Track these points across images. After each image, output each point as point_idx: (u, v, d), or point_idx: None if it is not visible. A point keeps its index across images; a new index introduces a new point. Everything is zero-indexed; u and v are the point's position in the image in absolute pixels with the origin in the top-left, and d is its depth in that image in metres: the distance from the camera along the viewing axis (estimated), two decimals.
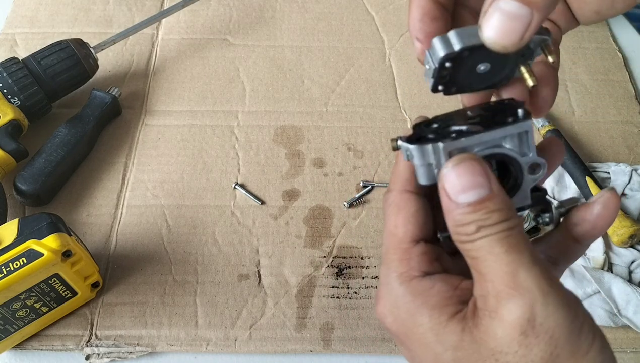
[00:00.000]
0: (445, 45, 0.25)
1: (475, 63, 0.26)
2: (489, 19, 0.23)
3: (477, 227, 0.23)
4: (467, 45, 0.25)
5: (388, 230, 0.27)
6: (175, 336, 0.48)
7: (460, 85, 0.28)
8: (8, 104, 0.55)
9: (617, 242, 0.52)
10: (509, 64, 0.27)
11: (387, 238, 0.27)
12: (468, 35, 0.25)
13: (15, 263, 0.41)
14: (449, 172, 0.24)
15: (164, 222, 0.55)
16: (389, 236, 0.27)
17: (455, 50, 0.25)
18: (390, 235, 0.27)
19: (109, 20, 0.71)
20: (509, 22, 0.23)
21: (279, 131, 0.62)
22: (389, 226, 0.27)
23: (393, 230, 0.27)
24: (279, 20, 0.72)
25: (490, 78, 0.28)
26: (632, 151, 0.61)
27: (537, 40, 0.26)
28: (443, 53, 0.25)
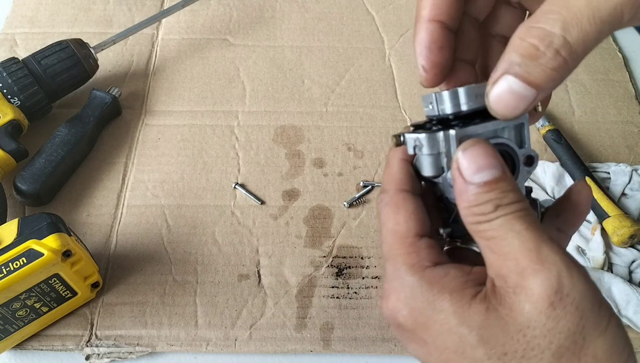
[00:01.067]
0: (453, 103, 0.27)
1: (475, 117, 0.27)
2: (497, 91, 0.25)
3: (495, 206, 0.24)
4: (472, 108, 0.26)
5: (389, 228, 0.27)
6: (175, 336, 0.48)
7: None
8: (8, 104, 0.55)
9: (617, 242, 0.52)
10: None
11: (389, 236, 0.27)
12: (475, 96, 0.26)
13: (15, 263, 0.41)
14: (463, 154, 0.25)
15: (164, 222, 0.55)
16: (391, 234, 0.27)
17: (462, 110, 0.27)
18: (392, 232, 0.27)
19: (109, 20, 0.71)
20: (513, 99, 0.24)
21: (279, 131, 0.62)
22: (389, 224, 0.27)
23: (395, 227, 0.27)
24: (279, 20, 0.72)
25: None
26: (632, 151, 0.61)
27: None
28: (450, 111, 0.27)
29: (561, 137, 0.59)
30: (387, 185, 0.29)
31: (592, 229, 0.53)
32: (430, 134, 0.27)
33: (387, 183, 0.29)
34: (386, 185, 0.29)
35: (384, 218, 0.28)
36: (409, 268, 0.26)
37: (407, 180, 0.28)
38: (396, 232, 0.27)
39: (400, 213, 0.27)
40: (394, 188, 0.28)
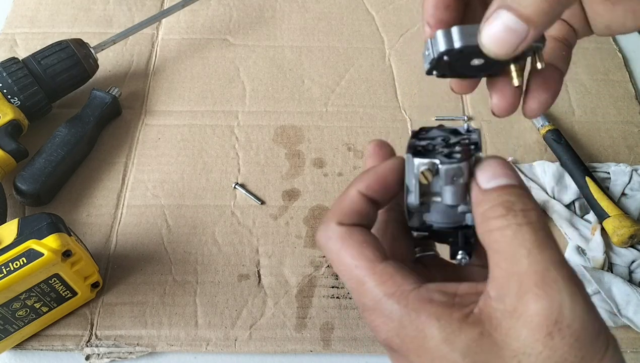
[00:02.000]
0: (446, 40, 0.27)
1: (471, 58, 0.27)
2: (489, 27, 0.25)
3: (507, 209, 0.23)
4: (466, 44, 0.26)
5: (348, 263, 0.26)
6: (175, 336, 0.48)
7: (454, 72, 0.29)
8: (8, 104, 0.55)
9: (617, 242, 0.52)
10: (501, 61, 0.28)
11: (354, 271, 0.25)
12: (469, 35, 0.26)
13: (15, 263, 0.41)
14: (479, 169, 0.25)
15: (164, 222, 0.55)
16: (354, 268, 0.25)
17: (455, 47, 0.26)
18: (354, 267, 0.25)
19: (109, 20, 0.71)
20: (506, 34, 0.24)
21: (279, 131, 0.62)
22: (347, 259, 0.26)
23: (356, 260, 0.26)
24: (279, 20, 0.72)
25: (482, 70, 0.29)
26: (632, 151, 0.61)
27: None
28: (443, 48, 0.27)
29: (561, 137, 0.59)
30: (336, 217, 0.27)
31: (592, 229, 0.53)
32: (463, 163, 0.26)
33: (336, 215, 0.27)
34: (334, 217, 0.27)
35: (336, 253, 0.26)
36: (391, 297, 0.24)
37: (354, 215, 0.27)
38: (357, 265, 0.25)
39: (356, 244, 0.26)
40: (345, 221, 0.27)
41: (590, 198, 0.54)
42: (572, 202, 0.56)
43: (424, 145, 0.27)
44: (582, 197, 0.55)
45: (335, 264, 0.27)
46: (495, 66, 0.28)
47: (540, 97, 0.30)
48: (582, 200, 0.56)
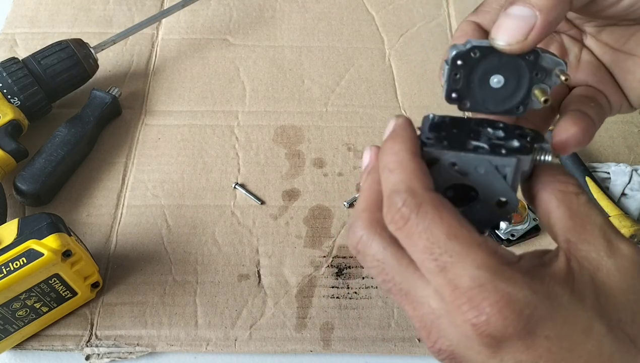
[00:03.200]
0: (457, 46, 0.27)
1: (488, 72, 0.27)
2: (498, 24, 0.26)
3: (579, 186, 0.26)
4: (477, 44, 0.26)
5: (444, 231, 0.22)
6: (175, 336, 0.48)
7: (475, 99, 0.28)
8: (8, 104, 0.55)
9: None
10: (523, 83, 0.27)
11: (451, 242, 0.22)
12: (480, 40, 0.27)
13: (15, 263, 0.41)
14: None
15: (164, 222, 0.55)
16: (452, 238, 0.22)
17: (465, 47, 0.27)
18: (454, 236, 0.22)
19: (109, 20, 0.71)
20: (513, 22, 0.25)
21: (279, 131, 0.62)
22: (443, 227, 0.22)
23: (457, 229, 0.22)
24: (279, 20, 0.72)
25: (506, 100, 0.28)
26: (632, 151, 0.61)
27: (551, 61, 0.27)
28: (455, 51, 0.27)
29: None
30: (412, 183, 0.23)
31: None
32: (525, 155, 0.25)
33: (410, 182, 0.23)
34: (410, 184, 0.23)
35: (428, 221, 0.22)
36: (511, 266, 0.22)
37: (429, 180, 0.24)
38: (461, 235, 0.22)
39: (448, 214, 0.23)
40: (422, 188, 0.23)
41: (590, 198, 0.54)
42: None
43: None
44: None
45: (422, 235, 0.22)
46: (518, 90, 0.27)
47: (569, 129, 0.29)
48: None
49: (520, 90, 0.27)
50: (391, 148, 0.25)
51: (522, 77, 0.27)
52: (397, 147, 0.25)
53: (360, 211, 0.25)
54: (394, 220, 0.23)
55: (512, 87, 0.27)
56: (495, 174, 0.25)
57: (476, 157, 0.25)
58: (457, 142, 0.26)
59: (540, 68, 0.27)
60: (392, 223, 0.23)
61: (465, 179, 0.25)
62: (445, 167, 0.25)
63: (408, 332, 0.48)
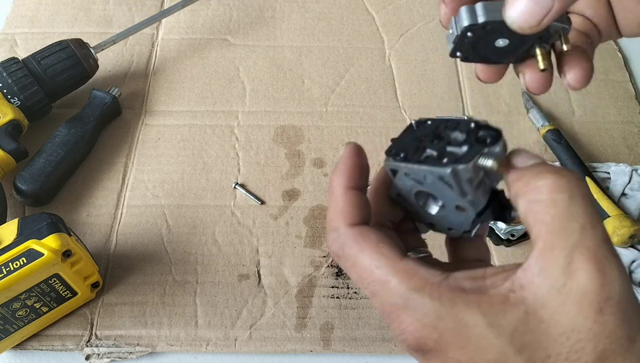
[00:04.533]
0: (470, 16, 0.27)
1: (496, 37, 0.28)
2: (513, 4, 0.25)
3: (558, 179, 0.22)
4: (490, 19, 0.27)
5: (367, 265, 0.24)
6: (175, 336, 0.48)
7: (478, 55, 0.29)
8: (8, 104, 0.55)
9: (617, 242, 0.52)
10: (526, 43, 0.28)
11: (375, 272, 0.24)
12: (493, 10, 0.27)
13: (15, 263, 0.41)
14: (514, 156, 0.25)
15: (164, 222, 0.55)
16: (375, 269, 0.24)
17: (479, 22, 0.27)
18: (374, 268, 0.24)
19: (109, 20, 0.71)
20: (531, 6, 0.25)
21: (279, 131, 0.62)
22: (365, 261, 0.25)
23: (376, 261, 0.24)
24: (279, 20, 0.72)
25: (507, 54, 0.29)
26: (632, 151, 0.61)
27: (556, 26, 0.27)
28: (467, 22, 0.27)
29: (561, 137, 0.59)
30: (338, 222, 0.26)
31: None
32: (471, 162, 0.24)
33: (338, 221, 0.26)
34: (336, 223, 0.26)
35: (353, 257, 0.25)
36: (420, 292, 0.23)
37: (356, 212, 0.26)
38: (379, 265, 0.24)
39: (372, 243, 0.25)
40: (349, 223, 0.26)
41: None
42: None
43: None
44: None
45: (352, 270, 0.25)
46: (520, 48, 0.28)
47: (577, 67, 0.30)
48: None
49: (523, 46, 0.28)
50: (332, 181, 0.27)
51: (526, 39, 0.28)
52: (335, 181, 0.27)
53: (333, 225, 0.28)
54: (333, 255, 0.27)
55: (515, 45, 0.28)
56: (441, 183, 0.25)
57: (420, 168, 0.25)
58: (415, 152, 0.26)
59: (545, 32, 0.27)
60: (333, 256, 0.27)
61: (423, 187, 0.26)
62: (402, 177, 0.26)
63: None
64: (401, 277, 0.24)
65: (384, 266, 0.24)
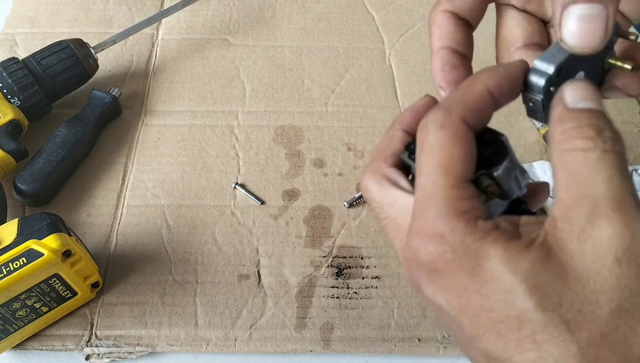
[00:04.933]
0: (540, 75, 0.25)
1: (570, 75, 0.26)
2: (568, 28, 0.24)
3: (597, 131, 0.22)
4: (559, 62, 0.25)
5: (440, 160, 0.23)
6: (175, 336, 0.48)
7: None
8: (8, 104, 0.55)
9: None
10: (598, 62, 0.27)
11: (440, 171, 0.23)
12: (553, 55, 0.25)
13: (15, 263, 0.41)
14: (568, 86, 0.24)
15: (164, 222, 0.55)
16: (442, 169, 0.23)
17: (550, 73, 0.25)
18: (444, 167, 0.23)
19: (109, 20, 0.71)
20: (588, 25, 0.23)
21: (279, 131, 0.62)
22: (443, 156, 0.23)
23: (449, 162, 0.23)
24: (279, 20, 0.72)
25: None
26: (632, 151, 0.61)
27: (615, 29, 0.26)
28: (543, 81, 0.25)
29: None
30: (455, 104, 0.25)
31: None
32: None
33: (455, 103, 0.25)
34: (452, 103, 0.25)
35: (436, 144, 0.24)
36: (461, 215, 0.22)
37: (480, 115, 0.25)
38: (449, 168, 0.23)
39: (460, 148, 0.24)
40: (460, 114, 0.24)
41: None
42: None
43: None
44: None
45: (425, 154, 0.24)
46: (598, 66, 0.27)
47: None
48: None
49: (597, 67, 0.27)
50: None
51: (598, 57, 0.27)
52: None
53: (370, 161, 0.28)
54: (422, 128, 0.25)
55: (592, 68, 0.27)
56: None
57: None
58: None
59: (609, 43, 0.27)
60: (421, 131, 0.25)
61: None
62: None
63: (408, 332, 0.48)
64: (456, 194, 0.23)
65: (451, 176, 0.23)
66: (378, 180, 0.27)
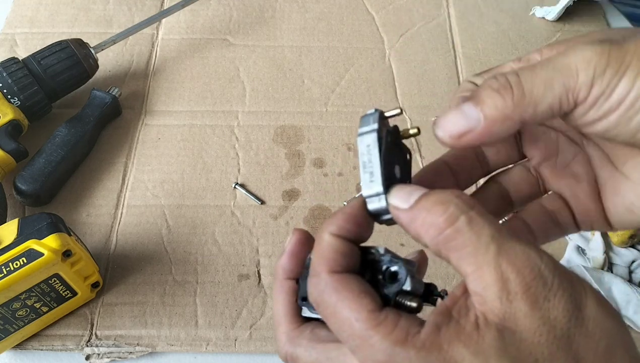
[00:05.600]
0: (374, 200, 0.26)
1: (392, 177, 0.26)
2: (445, 112, 0.25)
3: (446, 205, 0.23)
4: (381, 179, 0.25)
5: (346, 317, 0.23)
6: (175, 336, 0.48)
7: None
8: (8, 104, 0.55)
9: (617, 242, 0.52)
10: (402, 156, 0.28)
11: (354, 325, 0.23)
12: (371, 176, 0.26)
13: (15, 263, 0.41)
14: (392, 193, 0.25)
15: (164, 222, 0.55)
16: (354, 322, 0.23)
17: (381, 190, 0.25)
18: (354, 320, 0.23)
19: (109, 20, 0.71)
20: (456, 117, 0.25)
21: (279, 131, 0.62)
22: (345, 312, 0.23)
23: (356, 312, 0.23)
24: (279, 20, 0.72)
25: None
26: None
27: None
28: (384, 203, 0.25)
29: None
30: (318, 267, 0.25)
31: None
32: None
33: (317, 265, 0.25)
34: (316, 268, 0.25)
35: (332, 306, 0.24)
36: (404, 345, 0.22)
37: (340, 259, 0.25)
38: (359, 317, 0.23)
39: (351, 295, 0.24)
40: (326, 271, 0.25)
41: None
42: None
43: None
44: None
45: (332, 319, 0.24)
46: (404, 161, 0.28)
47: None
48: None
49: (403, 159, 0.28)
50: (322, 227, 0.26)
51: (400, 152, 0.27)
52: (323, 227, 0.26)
53: (277, 323, 0.28)
54: (312, 301, 0.25)
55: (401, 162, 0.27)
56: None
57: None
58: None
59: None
60: (312, 302, 0.25)
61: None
62: None
63: None
64: (382, 332, 0.23)
65: (364, 319, 0.23)
66: (303, 345, 0.26)
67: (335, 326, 0.24)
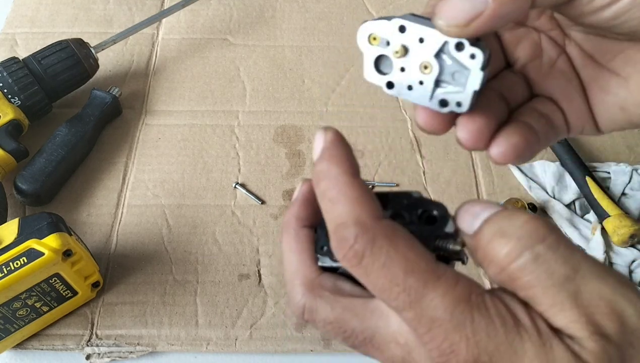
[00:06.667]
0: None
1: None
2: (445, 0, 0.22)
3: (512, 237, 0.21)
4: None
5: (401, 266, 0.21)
6: (175, 336, 0.48)
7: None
8: (8, 104, 0.55)
9: (617, 242, 0.52)
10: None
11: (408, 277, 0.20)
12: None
13: (15, 262, 0.41)
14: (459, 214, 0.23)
15: (164, 221, 0.55)
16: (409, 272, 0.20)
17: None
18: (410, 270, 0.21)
19: (109, 20, 0.71)
20: (460, 2, 0.22)
21: (279, 131, 0.62)
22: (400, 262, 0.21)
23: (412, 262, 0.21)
24: (279, 20, 0.72)
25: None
26: (632, 151, 0.61)
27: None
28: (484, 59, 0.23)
29: None
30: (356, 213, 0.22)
31: (592, 229, 0.53)
32: None
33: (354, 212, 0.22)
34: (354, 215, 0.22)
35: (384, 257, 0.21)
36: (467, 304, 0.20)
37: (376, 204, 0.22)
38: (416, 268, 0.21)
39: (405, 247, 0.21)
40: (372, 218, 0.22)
41: (590, 198, 0.54)
42: (572, 201, 0.56)
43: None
44: (582, 196, 0.55)
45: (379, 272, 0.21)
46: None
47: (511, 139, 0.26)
48: (583, 199, 0.56)
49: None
50: (327, 172, 0.22)
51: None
52: (334, 171, 0.22)
53: (293, 274, 0.24)
54: (346, 258, 0.21)
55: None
56: None
57: None
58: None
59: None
60: (345, 260, 0.21)
61: None
62: None
63: None
64: (444, 286, 0.20)
65: (423, 270, 0.20)
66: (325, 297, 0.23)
67: (380, 280, 0.20)
